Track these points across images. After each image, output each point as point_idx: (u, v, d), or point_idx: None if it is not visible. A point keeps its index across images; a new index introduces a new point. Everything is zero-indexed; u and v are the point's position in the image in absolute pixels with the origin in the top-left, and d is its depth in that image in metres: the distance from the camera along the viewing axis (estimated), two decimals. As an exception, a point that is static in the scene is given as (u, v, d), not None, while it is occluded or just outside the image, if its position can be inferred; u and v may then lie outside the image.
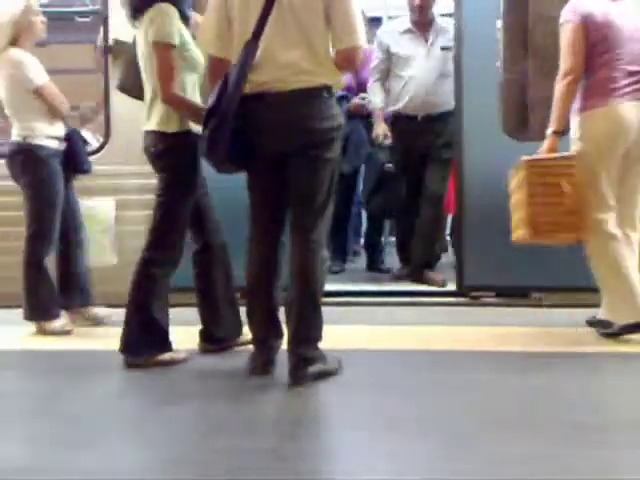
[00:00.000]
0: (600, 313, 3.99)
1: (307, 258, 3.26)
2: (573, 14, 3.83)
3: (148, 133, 3.59)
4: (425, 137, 5.18)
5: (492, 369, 3.53)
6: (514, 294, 4.74)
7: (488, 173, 4.62)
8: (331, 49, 3.25)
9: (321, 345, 3.35)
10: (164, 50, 3.43)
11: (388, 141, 5.23)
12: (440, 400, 3.09)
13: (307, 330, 3.28)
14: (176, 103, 3.48)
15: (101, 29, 4.92)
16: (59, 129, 4.28)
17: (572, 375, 3.33)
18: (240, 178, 3.42)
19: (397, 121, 5.32)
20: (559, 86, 3.81)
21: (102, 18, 4.90)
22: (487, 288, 4.79)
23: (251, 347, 3.53)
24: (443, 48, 5.17)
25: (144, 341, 3.54)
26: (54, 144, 4.24)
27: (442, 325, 4.25)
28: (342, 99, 5.52)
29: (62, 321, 4.25)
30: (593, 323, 4.05)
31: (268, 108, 3.20)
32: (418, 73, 5.17)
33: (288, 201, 3.33)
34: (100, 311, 4.43)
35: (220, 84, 3.18)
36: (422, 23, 5.26)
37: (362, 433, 2.80)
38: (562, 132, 3.82)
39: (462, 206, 4.81)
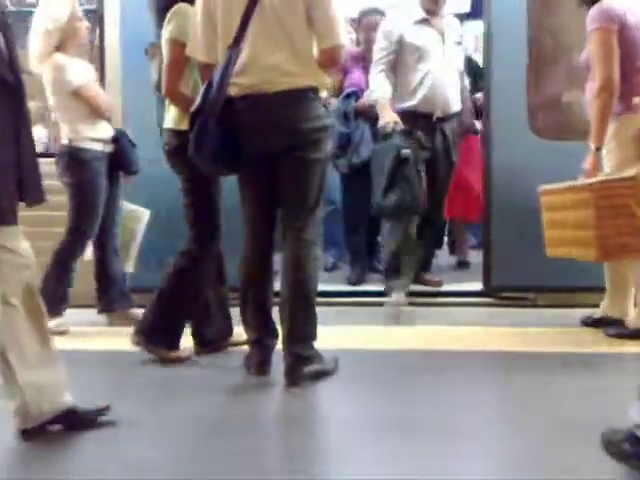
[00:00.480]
0: (603, 312, 3.99)
1: (300, 257, 3.28)
2: (606, 19, 3.68)
3: (165, 131, 3.64)
4: (437, 138, 4.77)
5: (491, 369, 3.53)
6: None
7: (516, 172, 4.57)
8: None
9: (319, 345, 3.34)
10: (176, 47, 3.48)
11: (400, 127, 4.57)
12: (439, 400, 3.08)
13: (302, 329, 3.28)
14: (177, 99, 3.52)
15: (97, 28, 4.92)
16: (104, 131, 4.29)
17: (572, 375, 3.32)
18: (233, 179, 3.42)
19: (408, 119, 4.67)
20: (597, 101, 3.67)
21: (98, 17, 4.91)
22: (514, 289, 4.75)
23: (243, 348, 3.53)
24: (458, 43, 4.87)
25: (159, 332, 3.61)
26: (98, 146, 4.26)
27: (441, 325, 4.24)
28: (351, 96, 5.29)
29: (59, 320, 4.25)
30: (590, 323, 4.05)
31: (254, 109, 3.22)
32: (435, 67, 4.69)
33: (279, 201, 3.34)
34: (139, 312, 4.45)
35: (205, 86, 3.21)
36: (436, 14, 4.79)
37: (360, 433, 2.79)
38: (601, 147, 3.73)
39: (490, 206, 4.78)
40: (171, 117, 3.58)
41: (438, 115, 4.72)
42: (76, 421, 2.73)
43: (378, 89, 4.74)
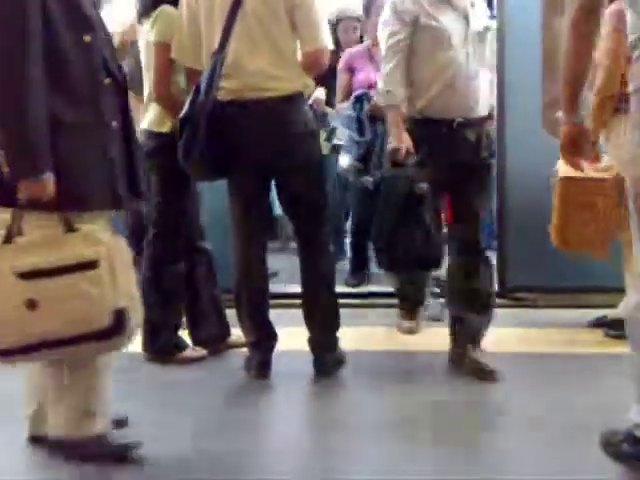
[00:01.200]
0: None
1: (316, 257, 3.39)
2: (619, 21, 3.50)
3: (141, 132, 3.63)
4: (461, 151, 3.51)
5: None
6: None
7: (530, 173, 4.52)
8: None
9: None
10: (163, 50, 3.47)
11: (413, 159, 3.43)
12: (439, 401, 3.08)
13: (331, 320, 3.42)
14: (166, 103, 3.51)
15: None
16: None
17: (572, 375, 3.32)
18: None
19: (419, 127, 3.52)
20: (596, 99, 3.68)
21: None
22: (530, 289, 4.72)
23: (239, 349, 3.57)
24: (485, 28, 3.67)
25: (155, 341, 3.64)
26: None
27: (440, 327, 4.23)
28: (361, 98, 4.79)
29: None
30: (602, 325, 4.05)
31: (243, 116, 3.24)
32: (456, 58, 3.51)
33: (269, 207, 3.42)
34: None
35: (192, 93, 3.22)
36: None
37: (361, 434, 2.80)
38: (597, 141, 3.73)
39: (504, 206, 4.77)
40: (150, 119, 3.58)
41: (459, 120, 3.50)
42: None
43: (393, 90, 3.54)
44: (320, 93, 4.95)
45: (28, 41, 2.30)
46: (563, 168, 3.92)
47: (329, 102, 5.16)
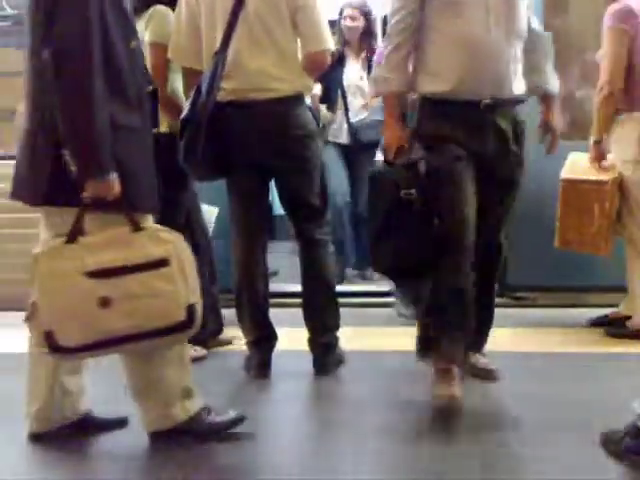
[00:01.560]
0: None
1: (316, 257, 3.41)
2: (620, 19, 3.66)
3: None
4: (489, 139, 3.03)
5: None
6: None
7: (531, 172, 4.53)
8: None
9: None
10: (159, 50, 3.47)
11: (405, 159, 2.98)
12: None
13: (331, 319, 3.44)
14: (163, 104, 3.49)
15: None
16: None
17: (572, 375, 3.32)
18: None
19: (437, 110, 3.04)
20: (597, 98, 3.73)
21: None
22: (530, 288, 4.71)
23: (229, 347, 3.65)
24: None
25: None
26: None
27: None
28: None
29: None
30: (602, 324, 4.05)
31: (243, 116, 3.24)
32: (476, 29, 2.97)
33: (269, 206, 3.43)
34: None
35: (193, 93, 3.22)
36: None
37: (362, 433, 2.79)
38: (602, 140, 3.77)
39: None
40: None
41: (486, 102, 3.00)
42: (90, 426, 2.75)
43: (388, 77, 3.07)
44: (316, 89, 4.95)
45: (92, 48, 2.34)
46: (566, 169, 3.95)
47: (328, 99, 5.15)
